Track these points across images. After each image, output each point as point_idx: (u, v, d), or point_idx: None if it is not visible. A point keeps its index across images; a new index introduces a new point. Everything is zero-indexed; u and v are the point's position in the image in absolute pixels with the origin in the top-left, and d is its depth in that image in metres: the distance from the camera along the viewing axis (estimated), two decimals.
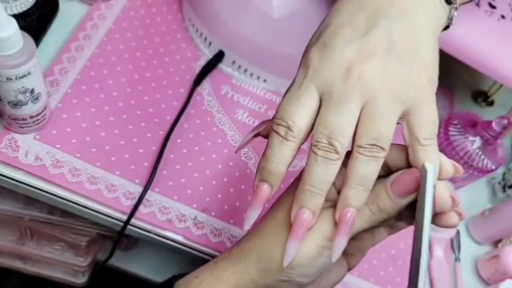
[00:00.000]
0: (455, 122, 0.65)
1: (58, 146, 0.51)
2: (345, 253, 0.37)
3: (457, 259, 0.64)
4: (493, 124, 0.61)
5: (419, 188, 0.32)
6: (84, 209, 0.50)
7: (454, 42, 0.57)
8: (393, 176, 0.33)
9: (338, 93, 0.31)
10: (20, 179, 0.49)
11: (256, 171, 0.34)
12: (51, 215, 0.63)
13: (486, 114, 0.78)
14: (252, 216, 0.34)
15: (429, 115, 0.32)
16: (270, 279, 0.34)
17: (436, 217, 0.34)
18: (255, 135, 0.36)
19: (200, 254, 0.52)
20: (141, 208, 0.51)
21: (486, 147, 0.63)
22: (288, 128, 0.32)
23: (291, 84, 0.33)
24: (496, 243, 0.67)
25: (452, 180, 0.66)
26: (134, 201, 0.51)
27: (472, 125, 0.65)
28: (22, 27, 0.42)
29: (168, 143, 0.55)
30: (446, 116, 0.73)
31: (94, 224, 0.64)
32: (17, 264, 0.74)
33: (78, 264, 0.72)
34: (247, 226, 0.34)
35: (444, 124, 0.65)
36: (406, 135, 0.32)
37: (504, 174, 0.71)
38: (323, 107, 0.32)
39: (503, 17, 0.57)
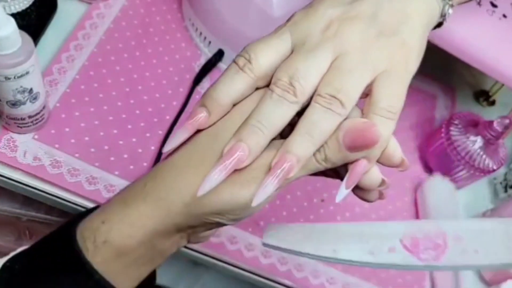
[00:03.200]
0: (456, 122, 0.65)
1: (56, 146, 0.50)
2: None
3: None
4: (495, 124, 0.61)
5: (374, 145, 0.29)
6: (83, 209, 0.50)
7: (456, 41, 0.57)
8: (346, 125, 0.30)
9: (312, 41, 0.30)
10: (19, 179, 0.49)
11: (201, 96, 0.31)
12: (50, 215, 0.63)
13: (487, 113, 0.78)
14: (177, 139, 0.31)
15: (394, 89, 0.31)
16: (195, 221, 0.31)
17: (359, 190, 0.33)
18: None
19: (200, 255, 0.52)
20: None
21: (488, 147, 0.63)
22: (248, 60, 0.30)
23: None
24: None
25: (453, 180, 0.66)
26: None
27: (474, 125, 0.64)
28: (21, 26, 0.42)
29: None
30: (447, 116, 0.73)
31: None
32: None
33: None
34: (167, 148, 0.31)
35: (446, 124, 0.65)
36: (365, 105, 0.31)
37: (505, 174, 0.71)
38: (293, 53, 0.31)
39: (504, 16, 0.57)
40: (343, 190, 0.31)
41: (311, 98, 0.30)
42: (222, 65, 0.63)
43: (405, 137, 0.69)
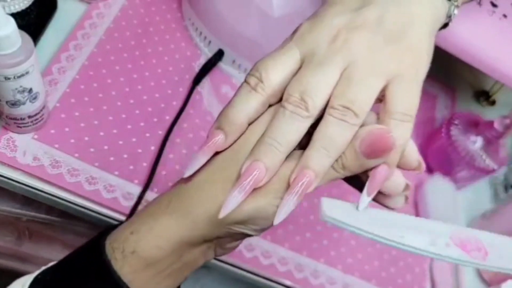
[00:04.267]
0: (456, 122, 0.65)
1: (56, 146, 0.50)
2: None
3: None
4: (495, 124, 0.61)
5: (391, 151, 0.29)
6: (83, 209, 0.50)
7: (456, 41, 0.57)
8: (363, 132, 0.30)
9: (320, 54, 0.30)
10: (18, 179, 0.49)
11: (216, 118, 0.32)
12: (49, 216, 0.63)
13: (488, 113, 0.78)
14: (197, 163, 0.31)
15: (408, 93, 0.31)
16: (221, 233, 0.31)
17: (383, 197, 0.32)
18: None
19: None
20: (140, 208, 0.50)
21: (488, 147, 0.63)
22: (260, 79, 0.30)
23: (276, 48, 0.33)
24: None
25: (453, 180, 0.66)
26: (133, 202, 0.50)
27: (474, 125, 0.64)
28: (20, 26, 0.42)
29: (167, 143, 0.55)
30: (447, 116, 0.73)
31: (92, 224, 0.63)
32: (15, 265, 0.74)
33: None
34: (189, 172, 0.31)
35: (446, 124, 0.65)
36: (380, 111, 0.31)
37: (506, 174, 0.71)
38: (303, 67, 0.31)
39: (505, 16, 0.57)
40: (365, 198, 0.31)
41: (324, 109, 0.30)
42: (222, 65, 0.63)
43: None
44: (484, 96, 0.80)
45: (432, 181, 0.65)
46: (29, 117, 0.48)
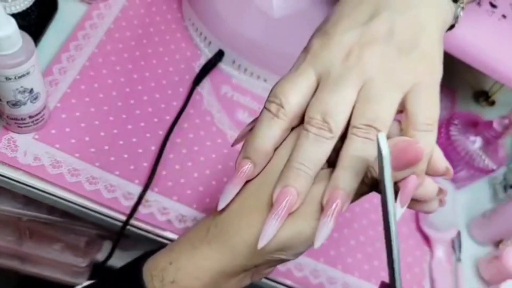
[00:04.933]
0: (456, 122, 0.65)
1: (57, 146, 0.51)
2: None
3: (458, 259, 0.64)
4: (494, 124, 0.61)
5: (418, 162, 0.29)
6: (83, 209, 0.50)
7: (455, 42, 0.57)
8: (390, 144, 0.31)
9: (335, 73, 0.30)
10: (19, 179, 0.49)
11: (241, 148, 0.32)
12: (50, 216, 0.63)
13: (487, 114, 0.78)
14: (230, 194, 0.32)
15: (427, 101, 0.31)
16: (259, 261, 0.32)
17: (417, 203, 0.33)
18: (252, 129, 0.35)
19: None
20: (140, 208, 0.51)
21: (487, 147, 0.63)
22: (280, 105, 0.31)
23: (290, 69, 0.33)
24: (497, 243, 0.67)
25: (452, 180, 0.66)
26: (133, 202, 0.50)
27: (473, 125, 0.64)
28: (21, 27, 0.42)
29: (168, 143, 0.55)
30: (447, 116, 0.73)
31: (93, 224, 0.64)
32: (16, 265, 0.74)
33: (77, 264, 0.72)
34: (223, 205, 0.32)
35: (445, 124, 0.65)
36: (402, 122, 0.31)
37: (505, 174, 0.71)
38: (320, 87, 0.31)
39: (504, 16, 0.57)
40: (398, 210, 0.30)
41: (346, 127, 0.30)
42: (222, 65, 0.63)
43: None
44: (484, 96, 0.81)
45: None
46: (30, 117, 0.48)
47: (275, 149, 0.32)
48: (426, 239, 0.64)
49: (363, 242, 0.60)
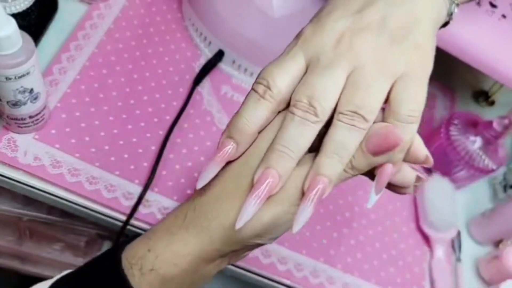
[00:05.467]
0: (456, 122, 0.65)
1: (57, 146, 0.51)
2: None
3: (458, 259, 0.64)
4: (494, 124, 0.61)
5: (395, 148, 0.30)
6: (83, 209, 0.50)
7: (455, 42, 0.57)
8: (368, 131, 0.30)
9: (325, 58, 0.30)
10: (19, 179, 0.49)
11: (225, 128, 0.32)
12: (50, 215, 0.63)
13: (487, 114, 0.78)
14: (210, 173, 0.31)
15: (413, 93, 0.31)
16: (237, 247, 0.32)
17: (395, 187, 0.33)
18: None
19: None
20: (140, 208, 0.51)
21: (487, 147, 0.63)
22: (267, 87, 0.31)
23: (281, 54, 0.33)
24: (497, 243, 0.67)
25: (452, 180, 0.66)
26: (134, 202, 0.50)
27: (473, 125, 0.64)
28: (21, 27, 0.42)
29: (168, 143, 0.55)
30: (447, 116, 0.73)
31: (93, 224, 0.64)
32: (16, 265, 0.74)
33: (77, 264, 0.71)
34: (201, 184, 0.31)
35: (445, 124, 0.65)
36: (385, 109, 0.31)
37: (505, 174, 0.71)
38: (308, 71, 0.31)
39: (504, 16, 0.57)
40: (373, 196, 0.31)
41: (332, 114, 0.30)
42: (222, 65, 0.63)
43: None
44: (483, 96, 0.81)
45: (431, 181, 0.65)
46: (30, 117, 0.48)
47: (260, 132, 0.32)
48: (426, 239, 0.64)
49: (362, 242, 0.60)
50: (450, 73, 0.79)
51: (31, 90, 0.45)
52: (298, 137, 0.29)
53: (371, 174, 0.32)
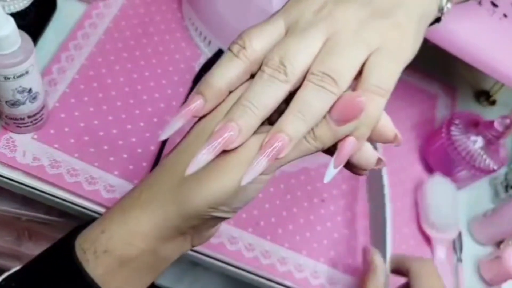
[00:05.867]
0: (457, 121, 0.65)
1: (56, 146, 0.50)
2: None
3: (459, 259, 0.64)
4: (495, 124, 0.61)
5: (359, 116, 0.29)
6: (82, 209, 0.50)
7: (456, 41, 0.57)
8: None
9: (303, 23, 0.30)
10: (18, 179, 0.49)
11: (196, 85, 0.31)
12: (49, 216, 0.63)
13: (488, 113, 0.78)
14: (172, 127, 0.30)
15: (385, 67, 0.30)
16: (194, 221, 0.30)
17: (355, 168, 0.32)
18: None
19: (199, 255, 0.52)
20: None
21: (488, 147, 0.63)
22: (243, 46, 0.30)
23: None
24: (499, 243, 0.66)
25: (453, 180, 0.66)
26: None
27: (474, 125, 0.64)
28: (20, 26, 0.42)
29: (167, 143, 0.55)
30: (448, 116, 0.72)
31: None
32: (14, 265, 0.73)
33: None
34: (163, 136, 0.30)
35: (446, 124, 0.65)
36: (357, 82, 0.30)
37: (506, 174, 0.71)
38: (286, 34, 0.31)
39: (505, 16, 0.57)
40: (331, 170, 0.30)
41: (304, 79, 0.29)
42: None
43: (406, 137, 0.69)
44: (485, 96, 0.80)
45: (432, 181, 0.65)
46: (29, 117, 0.48)
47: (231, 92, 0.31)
48: (427, 239, 0.63)
49: (362, 242, 0.60)
50: (451, 72, 0.79)
51: (30, 90, 0.45)
52: (264, 95, 0.29)
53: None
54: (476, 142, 0.63)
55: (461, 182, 0.67)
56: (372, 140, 0.31)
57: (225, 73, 0.30)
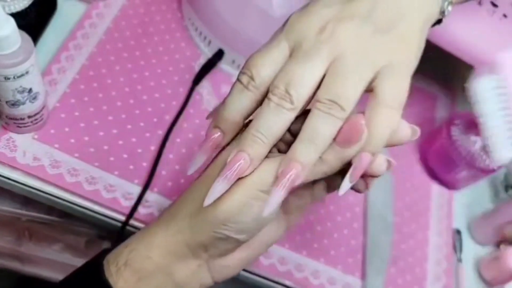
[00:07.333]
0: (457, 122, 0.65)
1: (56, 146, 0.50)
2: (283, 210, 0.35)
3: (459, 260, 0.64)
4: None
5: (361, 139, 0.30)
6: (83, 209, 0.50)
7: (456, 41, 0.57)
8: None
9: (307, 46, 0.30)
10: (18, 179, 0.49)
11: (212, 118, 0.33)
12: (50, 216, 0.63)
13: None
14: (198, 161, 0.33)
15: (395, 83, 0.30)
16: (204, 237, 0.32)
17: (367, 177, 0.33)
18: None
19: None
20: (140, 208, 0.50)
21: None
22: (251, 77, 0.31)
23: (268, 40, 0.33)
24: (498, 243, 0.66)
25: (453, 179, 0.66)
26: (133, 202, 0.50)
27: (474, 125, 0.64)
28: (20, 26, 0.42)
29: (167, 143, 0.55)
30: (448, 116, 0.72)
31: (92, 224, 0.63)
32: (15, 265, 0.74)
33: (76, 265, 0.71)
34: (191, 171, 0.33)
35: (446, 124, 0.65)
36: (369, 100, 0.31)
37: (506, 174, 0.71)
38: (290, 59, 0.31)
39: (505, 16, 0.57)
40: (347, 183, 0.31)
41: (310, 101, 0.30)
42: (222, 65, 0.63)
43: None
44: None
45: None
46: (29, 117, 0.48)
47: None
48: (426, 241, 0.63)
49: (362, 242, 0.60)
50: (451, 73, 0.79)
51: (30, 90, 0.45)
52: (272, 123, 0.30)
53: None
54: (476, 142, 0.63)
55: (461, 182, 0.67)
56: (391, 146, 0.32)
57: (238, 106, 0.31)
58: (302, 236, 0.57)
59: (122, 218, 0.50)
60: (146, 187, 0.51)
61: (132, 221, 0.50)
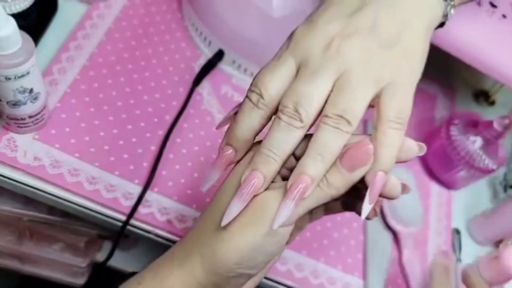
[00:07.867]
0: (456, 122, 0.65)
1: (57, 146, 0.51)
2: None
3: (458, 260, 0.64)
4: (494, 124, 0.61)
5: (368, 162, 0.31)
6: (83, 209, 0.50)
7: (455, 42, 0.57)
8: (343, 149, 0.31)
9: (313, 64, 0.31)
10: (19, 179, 0.49)
11: (225, 134, 0.34)
12: (50, 216, 0.63)
13: (487, 113, 0.78)
14: (211, 179, 0.34)
15: (400, 100, 0.31)
16: (217, 278, 0.32)
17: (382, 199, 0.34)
18: (235, 114, 0.36)
19: None
20: (140, 208, 0.51)
21: (488, 147, 0.63)
22: (260, 95, 0.32)
23: (274, 55, 0.34)
24: (498, 243, 0.67)
25: (452, 179, 0.66)
26: (133, 202, 0.50)
27: (474, 125, 0.64)
28: (21, 27, 0.42)
29: (168, 143, 0.55)
30: (447, 116, 0.73)
31: (93, 224, 0.64)
32: (16, 265, 0.74)
33: (77, 264, 0.72)
34: (205, 188, 0.34)
35: (445, 124, 0.65)
36: (374, 115, 0.32)
37: (505, 174, 0.71)
38: (297, 77, 0.32)
39: (504, 16, 0.57)
40: (367, 205, 0.31)
41: (318, 117, 0.31)
42: (222, 65, 0.63)
43: (405, 137, 0.69)
44: (484, 96, 0.80)
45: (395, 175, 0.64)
46: (30, 117, 0.48)
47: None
48: (425, 241, 0.63)
49: (362, 241, 0.60)
50: (450, 73, 0.79)
51: (31, 90, 0.45)
52: (282, 142, 0.31)
53: (351, 199, 0.33)
54: (475, 142, 0.63)
55: (460, 182, 0.67)
56: (399, 162, 0.33)
57: (249, 124, 0.32)
58: (302, 236, 0.57)
59: (123, 218, 0.50)
60: (146, 187, 0.51)
61: (132, 221, 0.50)
